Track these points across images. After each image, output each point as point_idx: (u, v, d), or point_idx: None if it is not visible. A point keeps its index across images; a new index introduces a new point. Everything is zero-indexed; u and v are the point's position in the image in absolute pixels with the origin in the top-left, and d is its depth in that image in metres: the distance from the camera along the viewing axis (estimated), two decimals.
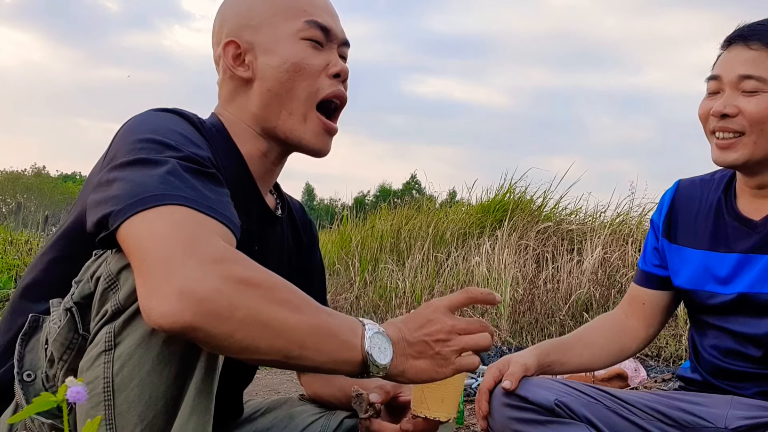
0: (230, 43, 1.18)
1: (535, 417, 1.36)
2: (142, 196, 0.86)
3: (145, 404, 0.84)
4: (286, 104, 1.15)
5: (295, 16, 1.16)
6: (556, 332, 4.26)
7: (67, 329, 0.93)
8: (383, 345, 0.92)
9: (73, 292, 0.94)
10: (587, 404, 1.40)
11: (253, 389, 2.88)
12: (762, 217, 1.42)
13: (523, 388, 1.39)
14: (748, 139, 1.36)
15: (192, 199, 0.87)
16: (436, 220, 6.22)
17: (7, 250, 7.31)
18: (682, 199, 1.55)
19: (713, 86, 1.42)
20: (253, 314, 0.81)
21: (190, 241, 0.82)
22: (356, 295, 5.19)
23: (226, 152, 1.15)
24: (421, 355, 0.95)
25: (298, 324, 0.85)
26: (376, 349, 0.90)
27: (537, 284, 4.79)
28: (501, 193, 6.51)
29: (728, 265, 1.43)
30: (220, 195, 0.94)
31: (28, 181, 44.11)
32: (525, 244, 5.47)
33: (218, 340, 0.81)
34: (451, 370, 0.97)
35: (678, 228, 1.53)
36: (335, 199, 16.60)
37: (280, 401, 1.40)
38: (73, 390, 0.62)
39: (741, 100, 1.36)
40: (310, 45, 1.16)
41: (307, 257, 1.39)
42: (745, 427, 1.35)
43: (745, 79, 1.36)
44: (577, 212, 6.52)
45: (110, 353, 0.86)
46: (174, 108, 1.08)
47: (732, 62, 1.39)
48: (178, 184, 0.89)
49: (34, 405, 0.64)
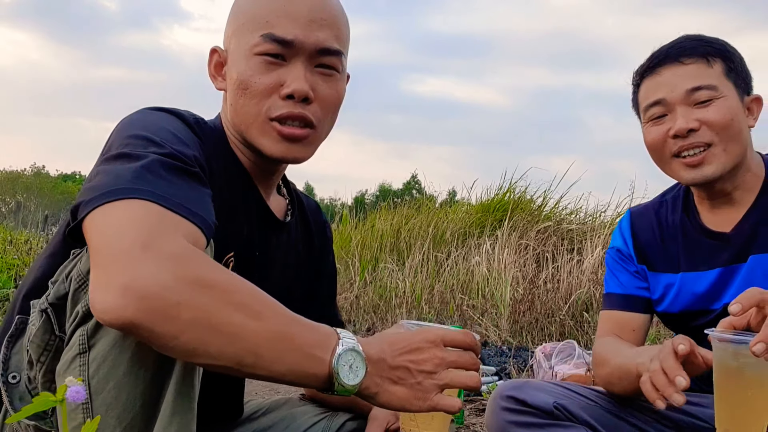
0: (214, 52, 1.17)
1: (534, 420, 1.36)
2: (111, 188, 0.85)
3: (122, 406, 0.83)
4: (243, 119, 1.11)
5: (255, 29, 1.09)
6: (556, 332, 4.26)
7: (43, 331, 0.92)
8: (355, 364, 0.86)
9: (48, 293, 0.93)
10: (586, 406, 1.41)
11: (254, 389, 2.88)
12: (732, 227, 1.42)
13: (521, 391, 1.39)
14: (718, 149, 1.35)
15: (160, 195, 0.85)
16: (436, 220, 6.21)
17: (6, 250, 7.30)
18: (641, 228, 1.54)
19: (657, 111, 1.40)
20: (202, 316, 0.78)
21: (147, 236, 0.79)
22: (356, 294, 5.18)
23: (225, 156, 1.14)
24: (400, 381, 0.89)
25: (255, 331, 0.80)
26: (345, 368, 0.85)
27: (537, 284, 4.78)
28: (501, 193, 6.52)
29: (711, 282, 1.43)
30: (197, 193, 0.91)
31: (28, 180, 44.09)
32: (525, 243, 5.47)
33: (163, 340, 0.78)
34: (428, 405, 0.90)
35: (649, 255, 1.52)
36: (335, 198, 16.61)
37: (281, 401, 1.40)
38: (72, 390, 0.62)
39: (698, 112, 1.36)
40: (264, 61, 1.08)
41: (317, 261, 1.36)
42: None
43: (696, 91, 1.36)
44: (577, 212, 6.52)
45: (85, 356, 0.86)
46: (170, 107, 1.08)
47: (671, 81, 1.38)
48: (150, 179, 0.86)
49: (34, 405, 0.64)
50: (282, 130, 1.10)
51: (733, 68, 1.38)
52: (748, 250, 1.39)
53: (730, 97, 1.36)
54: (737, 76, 1.39)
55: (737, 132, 1.36)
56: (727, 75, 1.37)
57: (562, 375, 2.81)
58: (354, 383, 0.86)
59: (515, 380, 1.45)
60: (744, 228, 1.41)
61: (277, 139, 1.10)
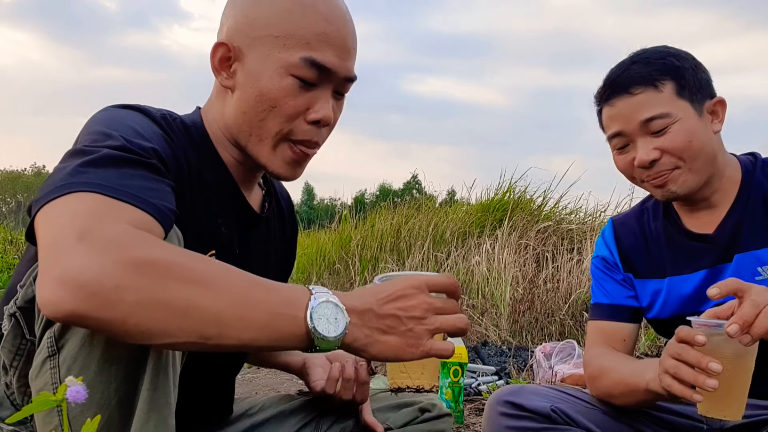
0: (222, 45, 1.10)
1: (531, 425, 1.36)
2: (57, 185, 0.83)
3: (97, 405, 0.83)
4: (256, 131, 1.09)
5: (294, 47, 1.06)
6: (556, 332, 4.26)
7: (13, 335, 0.92)
8: (333, 315, 0.84)
9: (16, 297, 0.93)
10: (583, 410, 1.41)
11: (253, 389, 2.89)
12: (714, 228, 1.42)
13: (518, 396, 1.39)
14: (683, 170, 1.37)
15: (106, 185, 0.83)
16: (436, 220, 6.21)
17: (7, 250, 7.31)
18: (625, 235, 1.54)
19: (619, 142, 1.42)
20: (147, 296, 0.75)
21: (85, 226, 0.78)
22: None
23: (203, 152, 1.12)
24: (390, 329, 0.87)
25: (211, 301, 0.78)
26: (322, 321, 0.83)
27: (537, 284, 4.78)
28: (501, 193, 6.51)
29: (698, 284, 1.43)
30: (151, 183, 0.89)
31: (28, 180, 44.08)
32: (525, 243, 5.47)
33: (112, 327, 0.76)
34: (422, 352, 0.88)
35: (634, 262, 1.52)
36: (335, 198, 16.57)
37: (276, 397, 1.41)
38: (72, 389, 0.62)
39: (657, 141, 1.36)
40: (298, 83, 1.06)
41: (290, 247, 1.39)
42: (742, 426, 1.35)
43: (649, 122, 1.36)
44: (577, 212, 6.52)
45: (55, 358, 0.85)
46: (136, 104, 1.06)
47: (625, 114, 1.38)
48: (98, 172, 0.85)
49: (34, 404, 0.64)
50: (296, 155, 1.11)
51: (685, 85, 1.36)
52: (732, 249, 1.40)
53: (686, 118, 1.35)
54: (690, 91, 1.37)
55: (699, 149, 1.36)
56: (679, 94, 1.36)
57: (561, 375, 2.81)
58: (336, 335, 0.83)
59: (512, 385, 1.45)
60: (726, 228, 1.41)
61: (287, 161, 1.11)
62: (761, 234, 1.38)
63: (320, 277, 5.83)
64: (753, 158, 1.46)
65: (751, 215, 1.39)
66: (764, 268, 1.37)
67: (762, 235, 1.38)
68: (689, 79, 1.37)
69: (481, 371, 3.08)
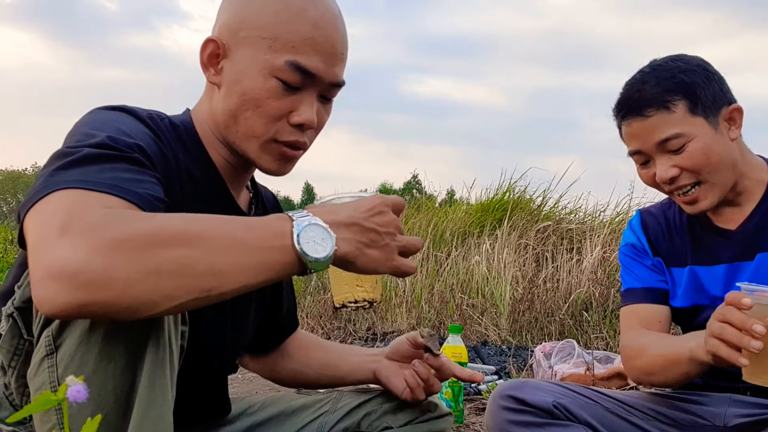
0: (211, 42, 1.11)
1: (533, 419, 1.37)
2: (39, 188, 0.84)
3: (94, 403, 0.83)
4: (243, 128, 1.10)
5: (280, 50, 1.06)
6: (556, 331, 4.26)
7: (11, 335, 0.93)
8: (319, 236, 0.87)
9: (14, 298, 0.93)
10: (585, 406, 1.41)
11: (253, 388, 2.89)
12: (738, 225, 1.44)
13: (521, 390, 1.39)
14: (706, 185, 1.38)
15: (86, 180, 0.84)
16: (435, 220, 6.22)
17: (7, 249, 7.31)
18: (651, 225, 1.56)
19: (639, 159, 1.44)
20: (137, 269, 0.76)
21: (64, 220, 0.78)
22: None
23: (193, 151, 1.12)
24: (373, 243, 0.91)
25: (202, 255, 0.80)
26: (310, 244, 0.85)
27: (537, 283, 4.79)
28: (500, 193, 6.52)
29: (717, 277, 1.44)
30: (133, 174, 0.90)
31: (29, 180, 44.06)
32: (525, 243, 5.47)
33: (113, 307, 0.76)
34: (394, 266, 0.93)
35: (661, 251, 1.54)
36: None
37: (276, 396, 1.41)
38: (73, 389, 0.62)
39: (675, 159, 1.37)
40: (282, 86, 1.07)
41: None
42: (744, 424, 1.36)
43: (665, 142, 1.37)
44: (577, 211, 6.52)
45: (52, 357, 0.85)
46: (122, 105, 1.06)
47: (641, 135, 1.40)
48: (78, 170, 0.86)
49: (34, 404, 0.64)
50: (285, 153, 1.12)
51: (697, 101, 1.36)
52: (754, 247, 1.41)
53: (701, 134, 1.36)
54: (704, 106, 1.37)
55: (718, 162, 1.37)
56: (692, 112, 1.36)
57: (561, 374, 2.81)
58: (325, 255, 0.86)
59: (514, 380, 1.46)
60: (749, 226, 1.43)
61: (276, 158, 1.12)
62: None
63: (320, 277, 5.84)
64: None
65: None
66: None
67: None
68: (701, 95, 1.37)
69: (481, 371, 3.08)
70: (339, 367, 1.39)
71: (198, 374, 1.06)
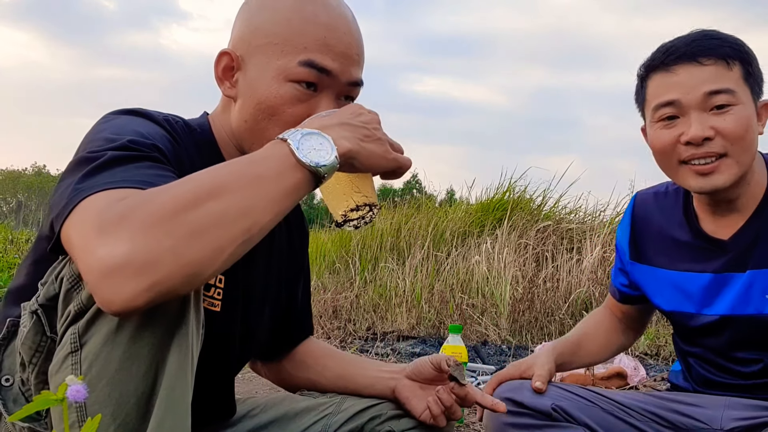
0: (225, 54, 1.11)
1: (532, 422, 1.36)
2: (69, 197, 0.86)
3: (116, 403, 0.83)
4: (257, 139, 1.08)
5: (290, 53, 1.06)
6: (556, 331, 4.27)
7: (34, 332, 0.93)
8: (317, 142, 0.89)
9: (38, 295, 0.93)
10: (584, 408, 1.41)
11: (253, 388, 2.89)
12: (730, 236, 1.38)
13: (519, 393, 1.39)
14: (731, 160, 1.29)
15: (111, 182, 0.86)
16: (435, 219, 6.21)
17: (7, 249, 7.32)
18: (641, 217, 1.52)
19: (668, 112, 1.32)
20: (178, 235, 0.78)
21: (98, 221, 0.80)
22: (356, 294, 5.18)
23: (208, 155, 1.12)
24: (368, 138, 0.94)
25: (228, 201, 0.82)
26: (312, 153, 0.88)
27: (537, 283, 4.79)
28: (500, 192, 6.52)
29: (703, 286, 1.41)
30: (156, 171, 0.92)
31: (29, 179, 44.10)
32: (525, 243, 5.47)
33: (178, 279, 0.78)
34: (393, 159, 0.96)
35: (645, 247, 1.50)
36: None
37: (279, 398, 1.40)
38: (73, 389, 0.62)
39: (713, 119, 1.28)
40: (297, 90, 1.06)
41: (298, 256, 1.38)
42: (741, 428, 1.35)
43: (714, 95, 1.28)
44: (577, 211, 6.52)
45: (77, 354, 0.86)
46: (137, 108, 1.07)
47: (687, 83, 1.30)
48: (101, 174, 0.87)
49: (35, 403, 0.64)
50: None
51: (751, 72, 1.31)
52: (745, 260, 1.36)
53: (747, 105, 1.30)
54: (754, 81, 1.32)
55: (750, 143, 1.30)
56: (745, 80, 1.30)
57: (561, 374, 2.81)
58: (330, 157, 0.89)
59: (513, 382, 1.44)
60: (743, 237, 1.37)
61: None
62: None
63: (320, 277, 5.83)
64: None
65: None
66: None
67: None
68: (754, 69, 1.33)
69: (481, 370, 3.08)
70: (356, 380, 1.37)
71: (206, 377, 1.06)
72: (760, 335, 1.36)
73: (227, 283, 1.14)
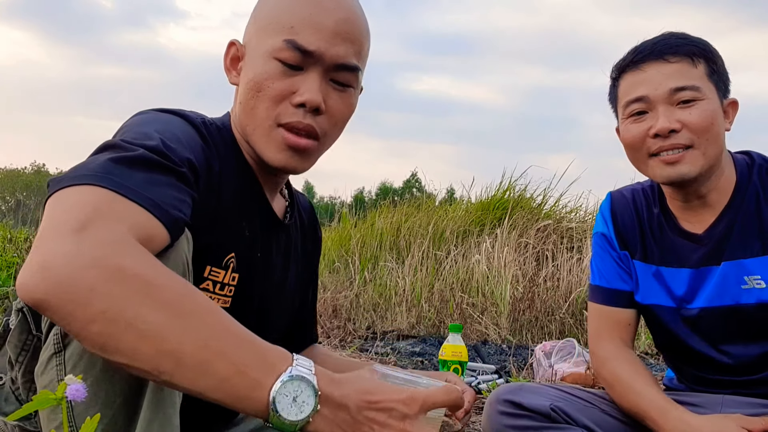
0: (232, 45, 1.15)
1: (531, 423, 1.37)
2: (77, 174, 0.82)
3: (102, 403, 0.82)
4: (251, 120, 1.09)
5: (278, 32, 1.07)
6: (556, 330, 4.27)
7: (19, 330, 0.92)
8: (303, 397, 0.76)
9: None
10: (583, 408, 1.41)
11: None
12: (704, 230, 1.42)
13: (518, 394, 1.39)
14: (697, 152, 1.35)
15: (125, 185, 0.81)
16: (435, 218, 6.21)
17: (6, 248, 7.30)
18: (620, 212, 1.53)
19: (638, 107, 1.39)
20: (115, 308, 0.71)
21: (86, 219, 0.75)
22: (356, 293, 5.18)
23: (231, 156, 1.13)
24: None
25: (178, 334, 0.73)
26: (287, 399, 0.75)
27: (537, 282, 4.79)
28: (501, 191, 6.51)
29: (682, 281, 1.43)
30: (173, 191, 0.87)
31: (28, 178, 44.11)
32: (525, 242, 5.47)
33: (73, 326, 0.72)
34: None
35: (627, 241, 1.52)
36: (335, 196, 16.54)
37: None
38: (72, 388, 0.62)
39: (679, 113, 1.35)
40: (281, 66, 1.06)
41: (311, 264, 1.37)
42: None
43: (679, 91, 1.35)
44: (577, 210, 6.52)
45: (61, 355, 0.85)
46: (177, 109, 1.07)
47: (655, 79, 1.37)
48: (124, 170, 0.83)
49: (34, 402, 0.64)
50: (288, 138, 1.07)
51: (715, 70, 1.38)
52: (720, 253, 1.40)
53: (712, 100, 1.36)
54: (719, 78, 1.38)
55: (716, 135, 1.36)
56: (709, 77, 1.37)
57: (561, 373, 2.81)
58: (297, 419, 0.75)
59: (511, 384, 1.45)
60: (716, 231, 1.41)
61: (281, 147, 1.08)
62: (751, 240, 1.38)
63: (320, 276, 5.83)
64: (749, 159, 1.45)
65: (743, 220, 1.39)
66: (750, 277, 1.37)
67: (751, 242, 1.38)
68: (719, 68, 1.39)
69: (481, 370, 3.08)
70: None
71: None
72: (743, 325, 1.39)
73: (240, 281, 1.13)
